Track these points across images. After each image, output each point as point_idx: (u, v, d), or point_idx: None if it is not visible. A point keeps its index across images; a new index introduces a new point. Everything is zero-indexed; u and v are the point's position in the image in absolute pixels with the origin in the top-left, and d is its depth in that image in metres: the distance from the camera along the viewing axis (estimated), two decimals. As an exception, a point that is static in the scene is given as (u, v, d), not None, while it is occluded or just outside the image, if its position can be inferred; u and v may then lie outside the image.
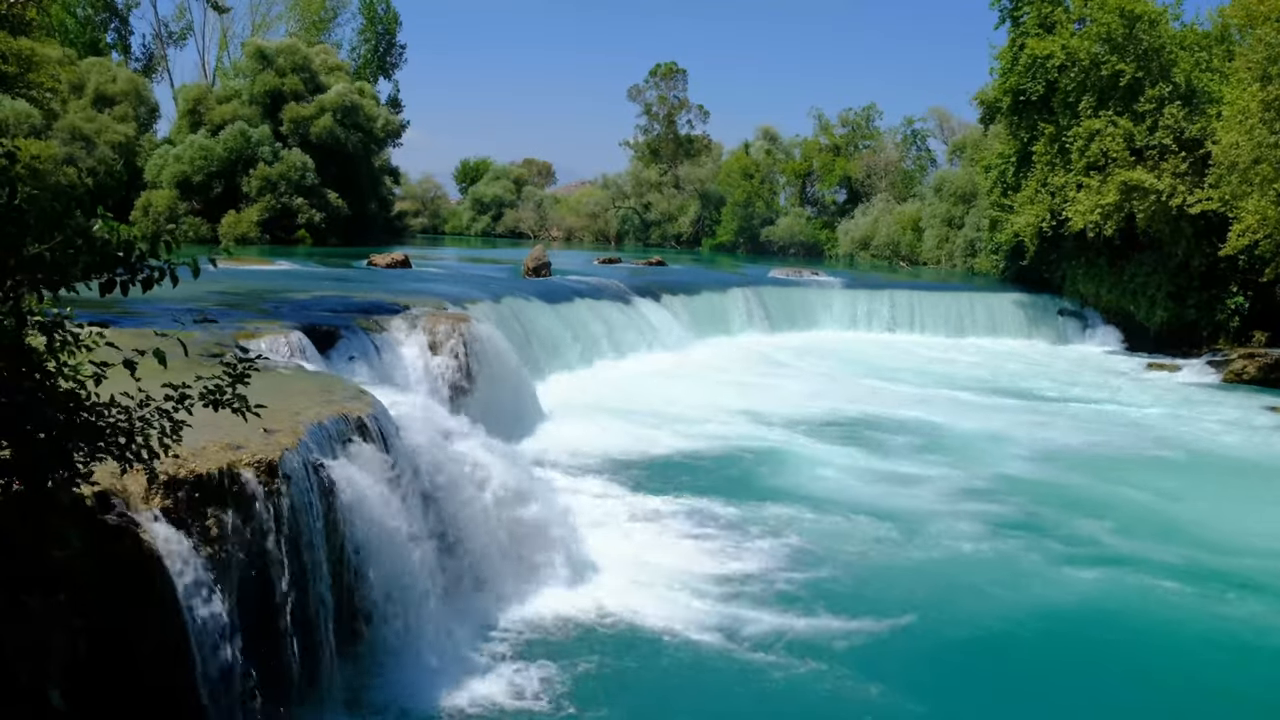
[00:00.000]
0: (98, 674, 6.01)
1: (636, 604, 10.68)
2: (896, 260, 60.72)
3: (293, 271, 29.52)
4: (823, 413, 21.52)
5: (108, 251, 5.01)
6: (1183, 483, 17.19)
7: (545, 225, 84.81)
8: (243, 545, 7.27)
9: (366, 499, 8.66)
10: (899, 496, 15.47)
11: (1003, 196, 39.50)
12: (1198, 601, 11.70)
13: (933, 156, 70.71)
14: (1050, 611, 11.34)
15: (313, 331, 15.28)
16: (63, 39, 57.16)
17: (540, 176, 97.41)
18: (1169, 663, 10.36)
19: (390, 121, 58.25)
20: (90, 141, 47.56)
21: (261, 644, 7.33)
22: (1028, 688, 9.77)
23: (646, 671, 9.45)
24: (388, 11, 73.00)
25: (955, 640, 10.54)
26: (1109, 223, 33.19)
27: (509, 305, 23.54)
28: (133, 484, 6.58)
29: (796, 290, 37.32)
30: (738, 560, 12.25)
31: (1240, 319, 33.15)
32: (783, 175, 74.35)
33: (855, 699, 9.04)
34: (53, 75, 41.25)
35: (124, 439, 5.44)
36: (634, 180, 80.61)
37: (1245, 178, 27.75)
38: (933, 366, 29.91)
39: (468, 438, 11.26)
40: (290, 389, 10.01)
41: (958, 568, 12.57)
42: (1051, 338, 36.55)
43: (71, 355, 5.18)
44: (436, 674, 8.81)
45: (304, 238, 49.00)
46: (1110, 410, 23.97)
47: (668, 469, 16.45)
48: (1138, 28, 33.63)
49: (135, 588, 6.31)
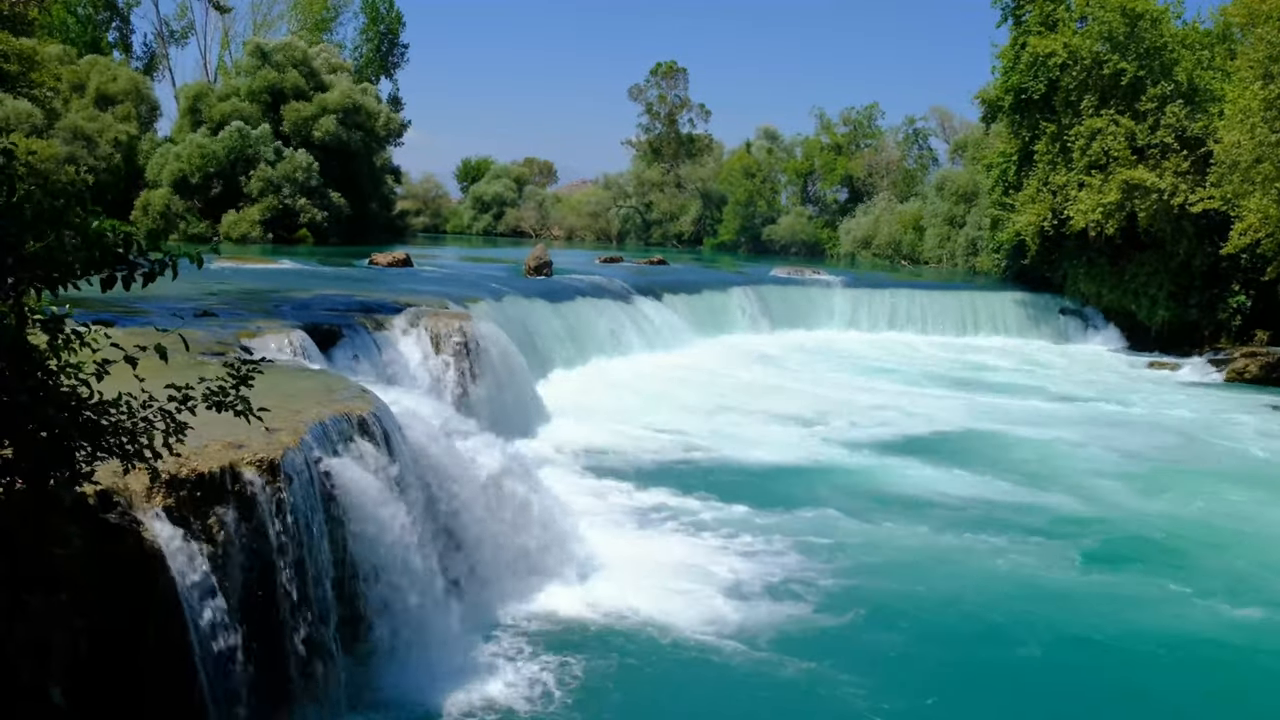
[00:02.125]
0: (99, 673, 6.00)
1: (638, 602, 10.67)
2: (898, 259, 60.69)
3: (294, 271, 29.50)
4: (825, 411, 21.50)
5: (106, 247, 5.00)
6: (1184, 479, 17.20)
7: (547, 224, 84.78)
8: (244, 544, 7.26)
9: (368, 498, 8.65)
10: (901, 496, 15.45)
11: (1004, 195, 39.47)
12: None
13: (934, 155, 70.72)
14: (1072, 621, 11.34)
15: (314, 330, 15.27)
16: (63, 38, 57.16)
17: (542, 176, 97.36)
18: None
19: (392, 121, 58.24)
20: (92, 141, 47.55)
21: (263, 643, 7.32)
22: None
23: (648, 669, 9.44)
24: (391, 11, 72.92)
25: (961, 635, 10.53)
26: (1110, 222, 33.16)
27: (510, 304, 23.54)
28: (135, 483, 6.57)
29: (798, 289, 37.29)
30: (741, 558, 12.24)
31: (1242, 318, 33.13)
32: (784, 174, 74.28)
33: (857, 699, 9.03)
34: (54, 74, 41.32)
35: (126, 438, 5.43)
36: (635, 179, 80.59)
37: (1247, 176, 27.72)
38: (932, 364, 29.91)
39: (469, 436, 11.25)
40: (292, 388, 10.00)
41: (966, 567, 12.56)
42: (1053, 337, 36.54)
43: (73, 354, 5.16)
44: (439, 672, 8.81)
45: (305, 237, 49.01)
46: (1111, 410, 23.97)
47: (669, 467, 16.44)
48: (1139, 26, 33.62)
49: (137, 587, 6.30)
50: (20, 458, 5.13)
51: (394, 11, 73.15)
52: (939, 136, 71.38)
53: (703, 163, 78.41)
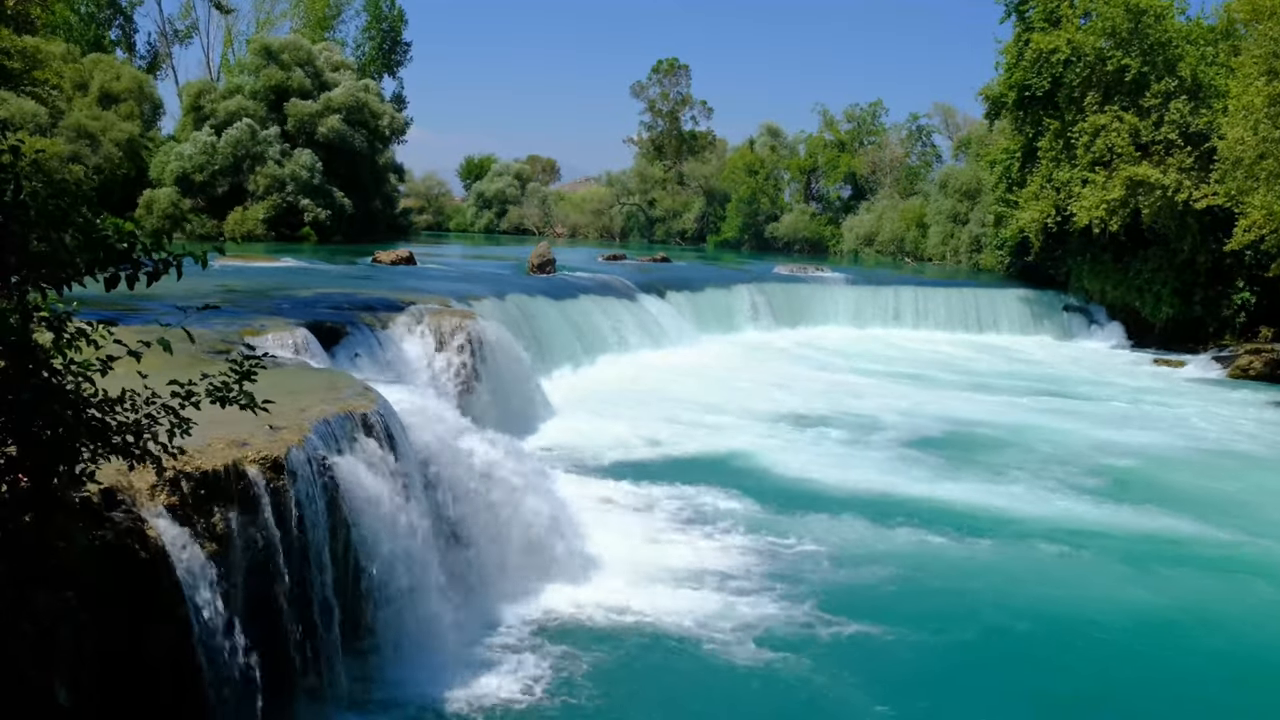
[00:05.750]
0: (104, 670, 6.02)
1: (641, 600, 10.68)
2: (901, 256, 60.67)
3: (298, 269, 29.55)
4: (827, 410, 21.49)
5: (110, 246, 5.01)
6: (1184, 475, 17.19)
7: (550, 222, 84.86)
8: (248, 542, 7.28)
9: (371, 495, 8.66)
10: (905, 496, 15.44)
11: (1008, 192, 39.43)
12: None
13: (938, 152, 70.71)
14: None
15: (318, 328, 15.29)
16: (66, 36, 57.17)
17: (544, 173, 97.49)
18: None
19: (395, 119, 58.25)
20: (95, 139, 47.59)
21: (267, 640, 7.34)
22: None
23: (650, 668, 9.45)
24: (394, 9, 72.89)
25: (962, 635, 10.53)
26: (1114, 218, 33.12)
27: (514, 302, 23.54)
28: (139, 481, 6.59)
29: (801, 287, 37.28)
30: (743, 557, 12.24)
31: (1246, 315, 33.08)
32: (787, 172, 74.31)
33: (858, 699, 9.04)
34: (58, 73, 41.37)
35: (131, 436, 5.44)
36: (638, 177, 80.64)
37: (1251, 173, 27.66)
38: (935, 362, 29.88)
39: (473, 434, 11.26)
40: (296, 385, 10.01)
41: (968, 567, 12.56)
42: (1057, 334, 36.51)
43: (77, 352, 5.17)
44: (442, 670, 8.83)
45: (309, 235, 49.08)
46: (1114, 408, 23.94)
47: (672, 465, 16.43)
48: (1143, 22, 33.55)
49: (141, 584, 6.31)
50: (25, 455, 5.14)
51: (396, 10, 73.16)
52: (942, 133, 71.45)
53: (705, 160, 78.43)
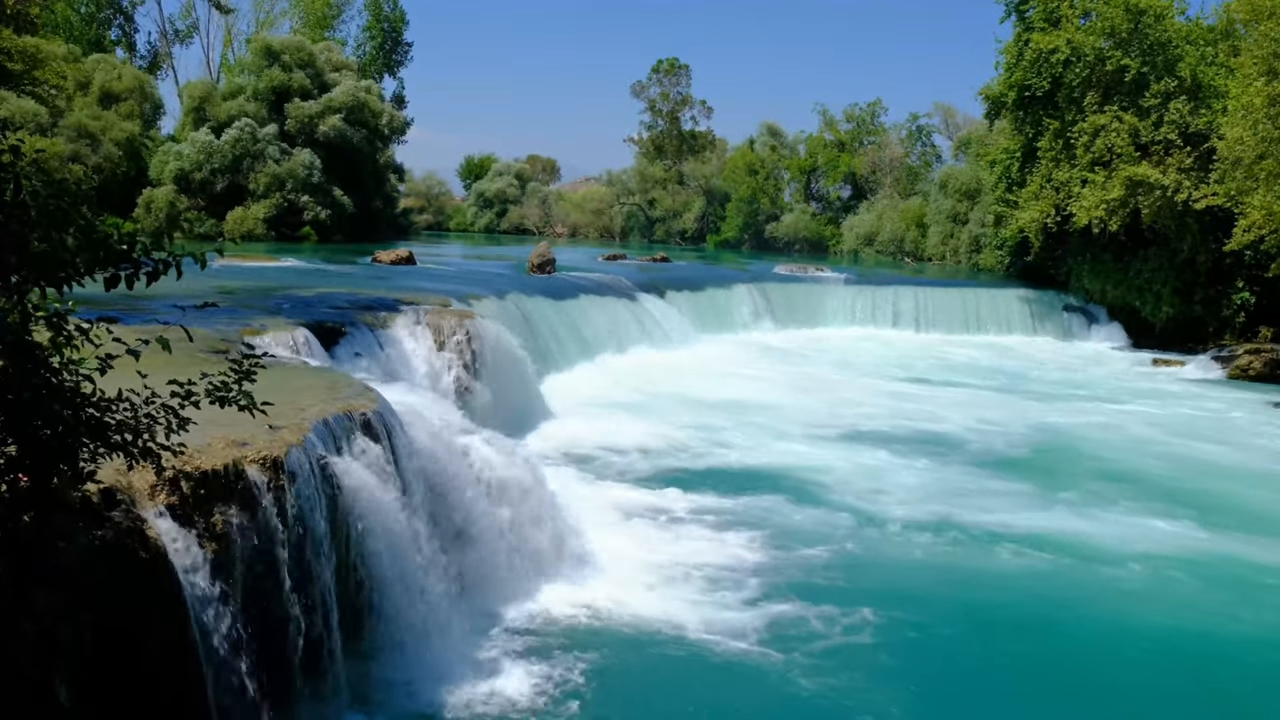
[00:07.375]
0: (104, 670, 6.02)
1: (641, 600, 10.69)
2: (901, 256, 60.67)
3: (298, 268, 29.55)
4: (829, 410, 21.50)
5: (110, 246, 5.01)
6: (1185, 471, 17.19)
7: (550, 222, 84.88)
8: (248, 542, 7.27)
9: (371, 495, 8.66)
10: (907, 495, 15.45)
11: (1008, 192, 39.43)
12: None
13: (938, 152, 70.70)
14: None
15: (318, 328, 15.29)
16: (66, 36, 57.20)
17: (545, 173, 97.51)
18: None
19: (395, 119, 58.26)
20: (96, 139, 47.61)
21: (267, 640, 7.34)
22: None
23: (651, 668, 9.45)
24: (395, 9, 72.86)
25: (964, 636, 10.53)
26: (1114, 218, 33.12)
27: (514, 302, 23.54)
28: (139, 480, 6.58)
29: (801, 286, 37.29)
30: (745, 556, 12.25)
31: (1246, 315, 33.08)
32: (787, 171, 74.31)
33: (859, 699, 9.04)
34: (58, 73, 41.38)
35: (130, 436, 5.44)
36: (638, 177, 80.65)
37: (1250, 173, 27.68)
38: (936, 362, 29.91)
39: (473, 434, 11.26)
40: (295, 385, 10.00)
41: (971, 567, 12.57)
42: (1057, 334, 36.49)
43: (76, 351, 5.18)
44: (441, 670, 8.83)
45: (309, 235, 49.10)
46: (1116, 408, 23.94)
47: (672, 465, 16.44)
48: (1143, 22, 33.55)
49: (141, 584, 6.31)
50: (24, 455, 5.14)
51: (397, 9, 73.15)
52: (942, 133, 71.45)
53: (706, 160, 78.44)
